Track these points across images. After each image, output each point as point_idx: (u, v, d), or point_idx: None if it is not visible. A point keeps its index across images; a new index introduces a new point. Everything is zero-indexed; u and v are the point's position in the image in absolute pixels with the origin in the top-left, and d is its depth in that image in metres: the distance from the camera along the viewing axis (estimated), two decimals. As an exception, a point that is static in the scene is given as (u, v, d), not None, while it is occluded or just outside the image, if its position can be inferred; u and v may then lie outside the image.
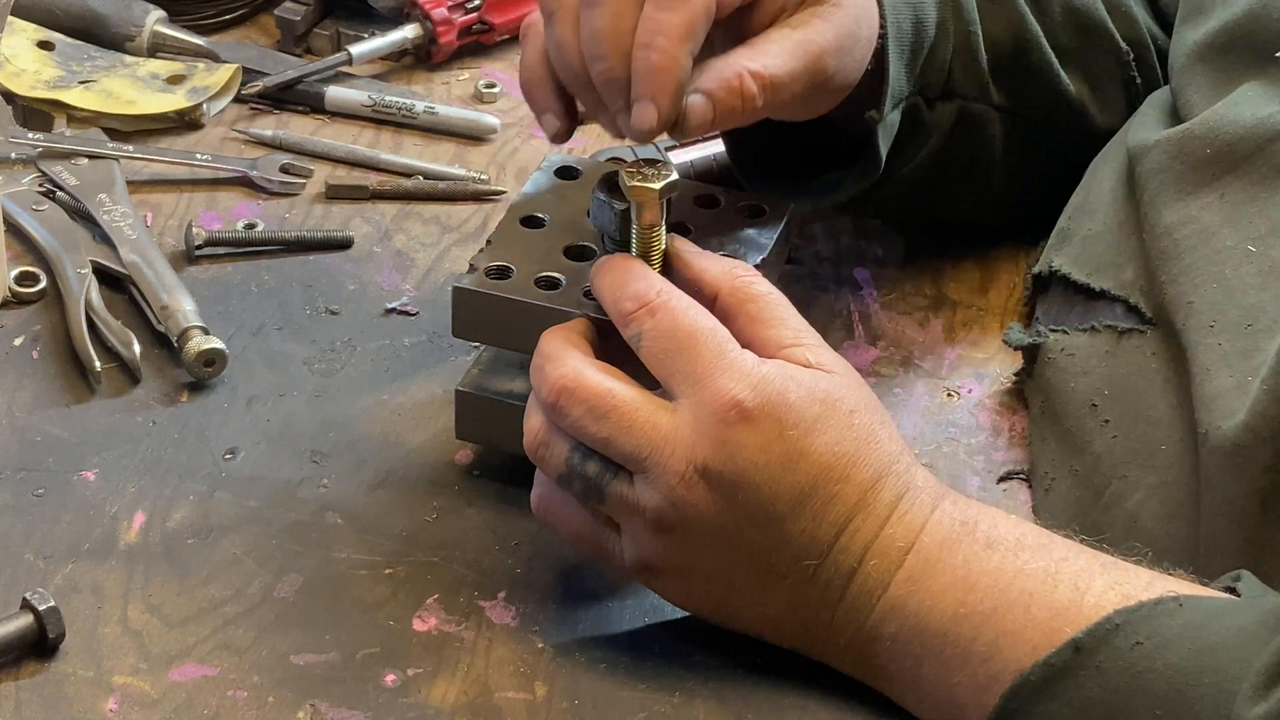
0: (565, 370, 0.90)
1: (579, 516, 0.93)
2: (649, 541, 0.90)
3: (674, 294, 0.92)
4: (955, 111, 1.13)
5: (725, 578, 0.90)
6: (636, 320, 0.91)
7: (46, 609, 0.91)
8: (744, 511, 0.89)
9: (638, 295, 0.91)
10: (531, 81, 0.98)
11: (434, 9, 1.36)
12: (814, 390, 0.89)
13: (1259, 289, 0.97)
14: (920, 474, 0.91)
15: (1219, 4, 1.09)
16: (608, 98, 0.94)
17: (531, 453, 0.93)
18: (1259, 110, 1.02)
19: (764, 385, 0.88)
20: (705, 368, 0.89)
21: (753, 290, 0.93)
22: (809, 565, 0.89)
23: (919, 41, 1.09)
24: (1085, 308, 1.07)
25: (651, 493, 0.89)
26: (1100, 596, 0.86)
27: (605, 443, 0.89)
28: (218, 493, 1.01)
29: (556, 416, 0.90)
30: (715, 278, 0.94)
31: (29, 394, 1.07)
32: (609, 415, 0.89)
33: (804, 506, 0.89)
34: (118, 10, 1.34)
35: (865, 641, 0.90)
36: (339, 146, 1.28)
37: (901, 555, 0.89)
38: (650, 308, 0.91)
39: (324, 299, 1.15)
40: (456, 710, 0.90)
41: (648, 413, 0.89)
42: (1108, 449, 1.00)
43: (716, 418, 0.88)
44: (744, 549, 0.89)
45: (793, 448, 0.88)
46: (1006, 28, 1.14)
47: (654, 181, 0.94)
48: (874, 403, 0.92)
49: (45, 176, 1.21)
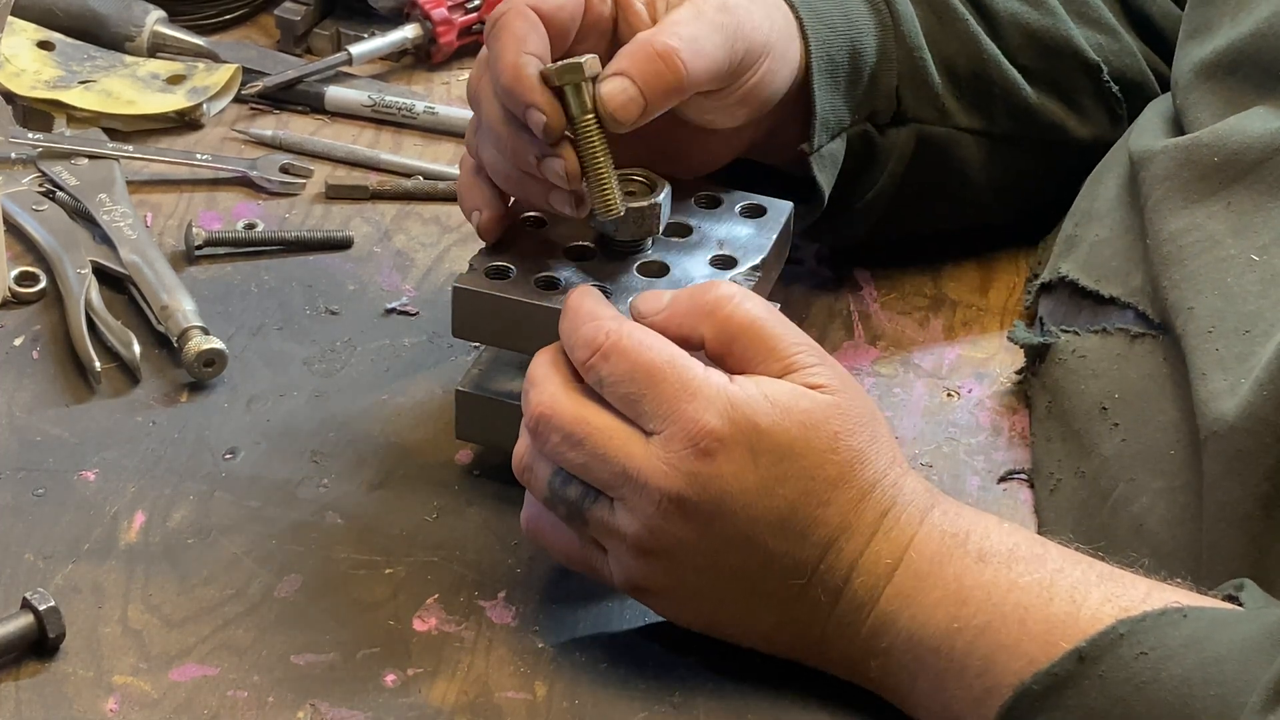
0: (544, 396, 0.90)
1: (567, 537, 0.92)
2: (633, 564, 0.90)
3: (623, 331, 0.89)
4: (913, 136, 1.13)
5: (713, 597, 0.90)
6: (593, 368, 0.90)
7: (46, 609, 0.91)
8: (723, 537, 0.88)
9: (587, 341, 0.90)
10: (465, 185, 1.01)
11: (434, 9, 1.36)
12: (790, 411, 0.88)
13: (1259, 296, 0.97)
14: (909, 486, 0.90)
15: (1225, 23, 1.08)
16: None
17: (519, 475, 0.93)
18: (1269, 124, 1.02)
19: (731, 410, 0.87)
20: (670, 401, 0.88)
21: (734, 322, 0.90)
22: (795, 585, 0.89)
23: (856, 69, 1.09)
24: (1094, 311, 1.07)
25: (630, 519, 0.88)
26: (1097, 609, 0.85)
27: (582, 469, 0.89)
28: (218, 493, 1.01)
29: (537, 441, 0.91)
30: (694, 325, 0.91)
31: (29, 394, 1.07)
32: (583, 443, 0.89)
33: (784, 530, 0.88)
34: (118, 10, 1.34)
35: (859, 655, 0.89)
36: (339, 146, 1.28)
37: (889, 571, 0.88)
38: (603, 352, 0.89)
39: (324, 299, 1.15)
40: (456, 710, 0.90)
41: (621, 441, 0.88)
42: (1116, 452, 1.00)
43: (687, 448, 0.87)
44: (727, 571, 0.89)
45: (767, 474, 0.87)
46: (960, 50, 1.13)
47: (566, 66, 0.94)
48: (866, 418, 0.90)
49: (45, 176, 1.21)
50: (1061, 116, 1.17)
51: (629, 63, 0.96)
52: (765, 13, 1.03)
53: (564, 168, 0.95)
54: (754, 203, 1.05)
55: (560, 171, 0.95)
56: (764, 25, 1.02)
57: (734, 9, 1.00)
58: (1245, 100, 1.05)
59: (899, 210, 1.15)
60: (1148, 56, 1.20)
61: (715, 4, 0.99)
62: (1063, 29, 1.16)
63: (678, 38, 0.97)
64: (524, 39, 0.94)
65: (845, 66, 1.08)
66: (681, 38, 0.97)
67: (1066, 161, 1.18)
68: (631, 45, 0.97)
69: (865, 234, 1.15)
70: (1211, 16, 1.09)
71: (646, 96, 0.95)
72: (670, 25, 0.98)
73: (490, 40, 0.96)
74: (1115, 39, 1.18)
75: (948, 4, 1.14)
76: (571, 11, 0.97)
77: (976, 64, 1.14)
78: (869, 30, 1.09)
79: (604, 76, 0.95)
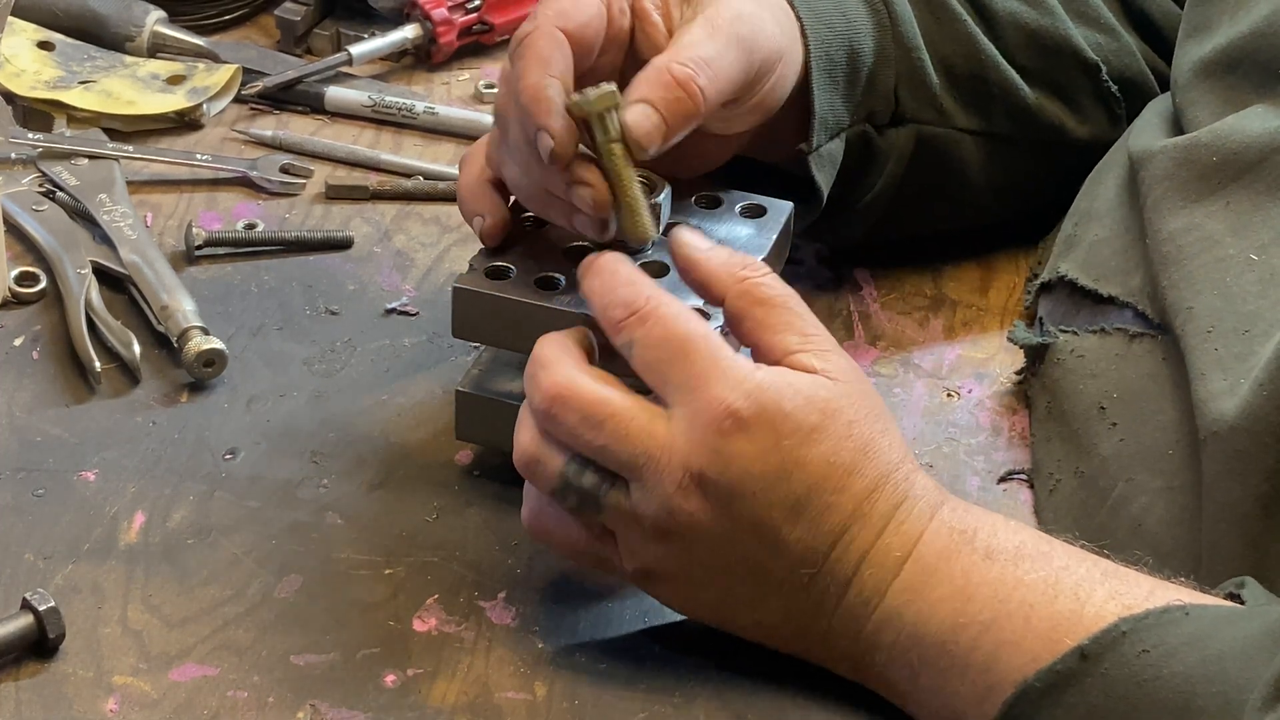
0: (558, 377, 0.90)
1: (574, 530, 0.92)
2: (647, 549, 0.90)
3: (663, 299, 0.91)
4: (912, 136, 1.13)
5: (722, 584, 0.90)
6: (627, 329, 0.90)
7: (46, 609, 0.91)
8: (739, 520, 0.88)
9: (626, 302, 0.91)
10: (471, 191, 1.01)
11: (434, 9, 1.36)
12: (812, 399, 0.89)
13: (1258, 296, 0.97)
14: (920, 481, 0.91)
15: (1225, 21, 1.08)
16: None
17: (522, 468, 0.92)
18: (1268, 123, 1.02)
19: (759, 393, 0.88)
20: (699, 376, 0.88)
21: (760, 293, 0.92)
22: (804, 574, 0.89)
23: (855, 69, 1.09)
24: (1093, 311, 1.07)
25: (648, 501, 0.88)
26: (1101, 607, 0.85)
27: (601, 450, 0.89)
28: (218, 493, 1.01)
29: (550, 424, 0.90)
30: (722, 281, 0.93)
31: (29, 394, 1.07)
32: (604, 423, 0.88)
33: (799, 516, 0.88)
34: (118, 10, 1.34)
35: (863, 650, 0.89)
36: (339, 147, 1.28)
37: (898, 565, 0.89)
38: (640, 315, 0.90)
39: (324, 299, 1.15)
40: (456, 710, 0.90)
41: (644, 420, 0.89)
42: (1115, 452, 1.00)
43: (711, 427, 0.87)
44: (739, 557, 0.89)
45: (788, 457, 0.88)
46: (958, 50, 1.13)
47: (593, 97, 0.94)
48: (877, 410, 0.91)
49: (45, 176, 1.21)
50: (1060, 116, 1.17)
51: (649, 90, 0.95)
52: (775, 18, 1.03)
53: (593, 196, 0.95)
54: (754, 203, 1.05)
55: (590, 200, 0.95)
56: (775, 32, 1.02)
57: (748, 18, 1.00)
58: (1244, 98, 1.05)
59: (898, 211, 1.15)
60: (1147, 56, 1.20)
61: (729, 15, 0.99)
62: (1061, 28, 1.16)
63: (694, 61, 0.96)
64: (548, 61, 0.95)
65: (844, 66, 1.08)
66: (697, 61, 0.96)
67: (1066, 161, 1.18)
68: (650, 72, 0.96)
69: (864, 234, 1.15)
70: (1211, 15, 1.09)
71: (668, 123, 0.95)
72: (686, 47, 0.97)
73: (515, 59, 0.96)
74: (1114, 38, 1.18)
75: (945, 4, 1.14)
76: (596, 29, 0.98)
77: (975, 64, 1.14)
78: (867, 30, 1.09)
79: (628, 104, 0.95)
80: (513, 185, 0.99)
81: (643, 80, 0.96)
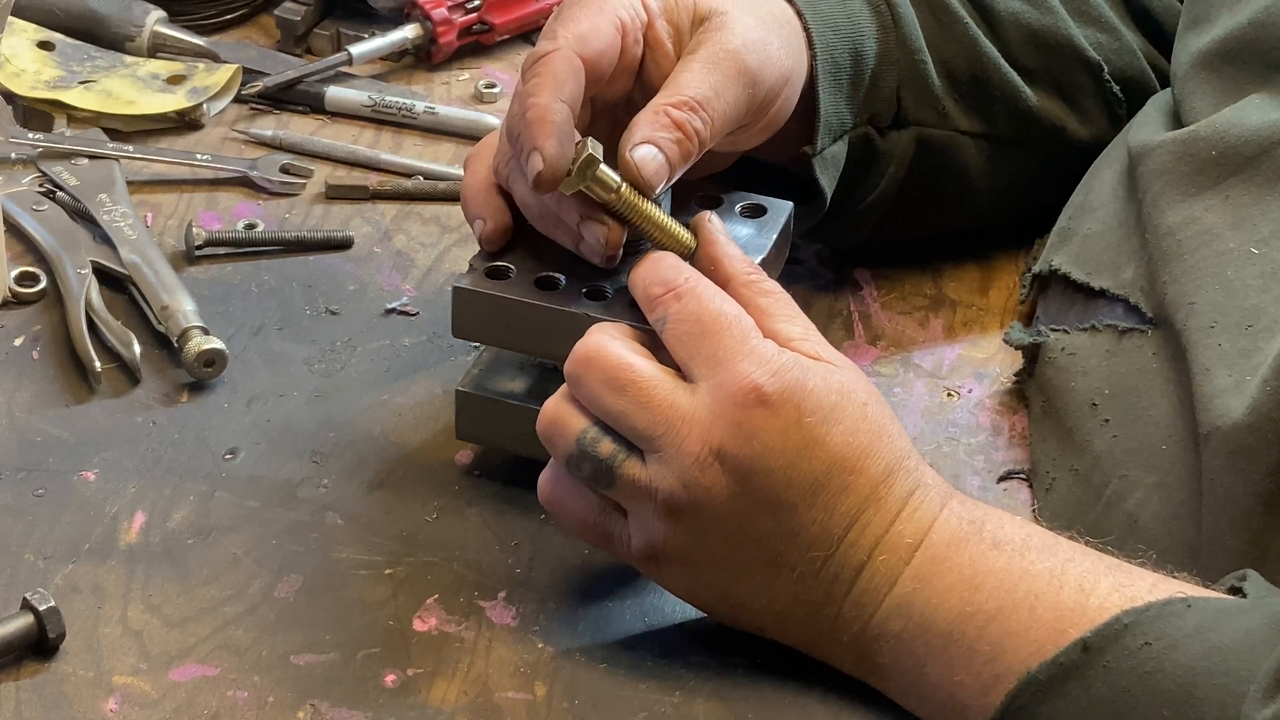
0: (590, 340, 0.91)
1: (585, 503, 0.92)
2: (658, 526, 0.90)
3: (702, 282, 0.92)
4: (913, 139, 1.13)
5: (733, 566, 0.90)
6: (663, 304, 0.92)
7: (46, 609, 0.91)
8: (757, 497, 0.89)
9: (666, 280, 0.92)
10: (474, 194, 1.01)
11: (434, 9, 1.36)
12: (829, 381, 0.90)
13: (1260, 290, 0.97)
14: (929, 473, 0.92)
15: (1223, 12, 1.08)
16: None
17: (543, 432, 0.92)
18: (1267, 115, 1.02)
19: (784, 372, 0.89)
20: (727, 352, 0.89)
21: (764, 286, 0.94)
22: (817, 557, 0.89)
23: (858, 72, 1.09)
24: (1085, 307, 1.07)
25: (665, 473, 0.89)
26: (1105, 598, 0.86)
27: (621, 416, 0.89)
28: (218, 493, 1.02)
29: (575, 386, 0.91)
30: (731, 267, 0.94)
31: (29, 394, 1.07)
32: (626, 389, 0.89)
33: (817, 496, 0.89)
34: (118, 10, 1.34)
35: (869, 639, 0.90)
36: (339, 146, 1.28)
37: (910, 552, 0.89)
38: (677, 292, 0.92)
39: (324, 299, 1.15)
40: (456, 710, 0.90)
41: (666, 390, 0.89)
42: (1108, 448, 1.00)
43: (735, 401, 0.88)
44: (754, 537, 0.89)
45: (809, 435, 0.89)
46: (959, 52, 1.14)
47: (574, 171, 0.94)
48: (882, 399, 0.92)
49: (45, 176, 1.21)
50: (1062, 118, 1.17)
51: (651, 130, 0.96)
52: (781, 38, 1.03)
53: (604, 235, 0.96)
54: (754, 203, 1.05)
55: (602, 239, 0.96)
56: (781, 55, 1.02)
57: (754, 47, 1.00)
58: (1243, 89, 1.05)
59: (900, 213, 1.15)
60: (1148, 52, 1.20)
61: (732, 48, 0.99)
62: (1063, 28, 1.16)
63: (690, 104, 0.97)
64: (562, 84, 0.95)
65: (848, 69, 1.08)
66: (693, 103, 0.97)
67: (1067, 163, 1.18)
68: (649, 115, 0.96)
69: (866, 236, 1.15)
70: (1210, 6, 1.10)
71: (672, 163, 0.96)
72: (684, 87, 0.97)
73: (527, 76, 0.96)
74: (1116, 37, 1.18)
75: (947, 6, 1.14)
76: (610, 58, 0.98)
77: (976, 67, 1.14)
78: (870, 33, 1.09)
79: (633, 146, 0.95)
80: (521, 202, 1.00)
81: (644, 121, 0.97)
